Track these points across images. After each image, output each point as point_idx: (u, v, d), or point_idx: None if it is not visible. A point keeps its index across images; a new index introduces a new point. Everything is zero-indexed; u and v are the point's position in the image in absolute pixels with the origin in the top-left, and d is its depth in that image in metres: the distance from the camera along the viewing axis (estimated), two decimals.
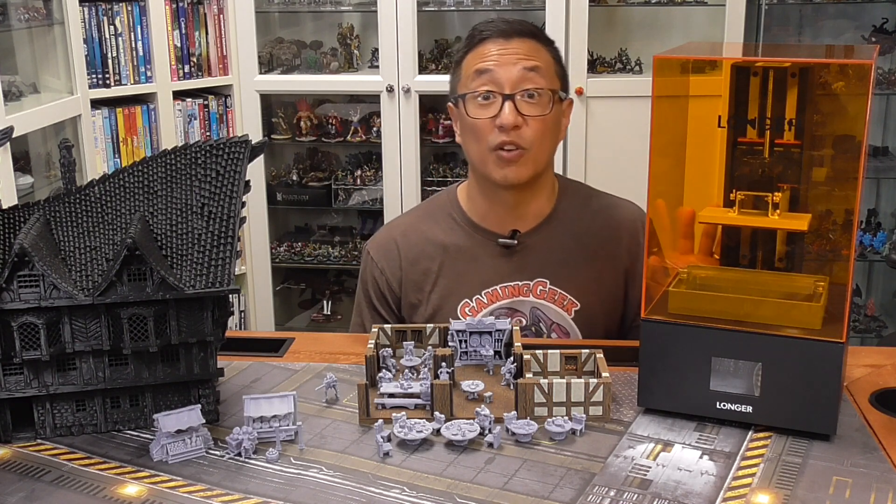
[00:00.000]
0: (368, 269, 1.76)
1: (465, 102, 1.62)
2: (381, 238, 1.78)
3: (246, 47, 3.55)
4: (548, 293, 1.68)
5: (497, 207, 1.69)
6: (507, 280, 1.69)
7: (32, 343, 1.19)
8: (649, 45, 3.57)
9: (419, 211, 1.82)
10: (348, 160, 3.93)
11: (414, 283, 1.72)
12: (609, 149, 3.41)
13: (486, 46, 1.63)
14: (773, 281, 1.30)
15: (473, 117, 1.61)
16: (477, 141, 1.63)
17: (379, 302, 1.75)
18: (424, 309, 1.71)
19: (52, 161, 3.18)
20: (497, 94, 1.60)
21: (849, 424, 1.24)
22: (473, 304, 1.69)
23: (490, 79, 1.60)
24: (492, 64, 1.61)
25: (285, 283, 4.00)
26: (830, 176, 1.29)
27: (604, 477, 1.14)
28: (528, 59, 1.61)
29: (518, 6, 3.54)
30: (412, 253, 1.73)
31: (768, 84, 1.27)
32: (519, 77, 1.60)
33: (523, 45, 1.63)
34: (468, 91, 1.62)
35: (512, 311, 1.69)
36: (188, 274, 1.21)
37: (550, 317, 1.68)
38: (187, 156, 1.26)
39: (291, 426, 1.23)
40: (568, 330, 1.68)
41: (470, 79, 1.63)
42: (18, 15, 3.08)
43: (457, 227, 1.73)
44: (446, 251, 1.71)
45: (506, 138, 1.59)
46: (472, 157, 1.66)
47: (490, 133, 1.60)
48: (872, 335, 3.54)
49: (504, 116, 1.58)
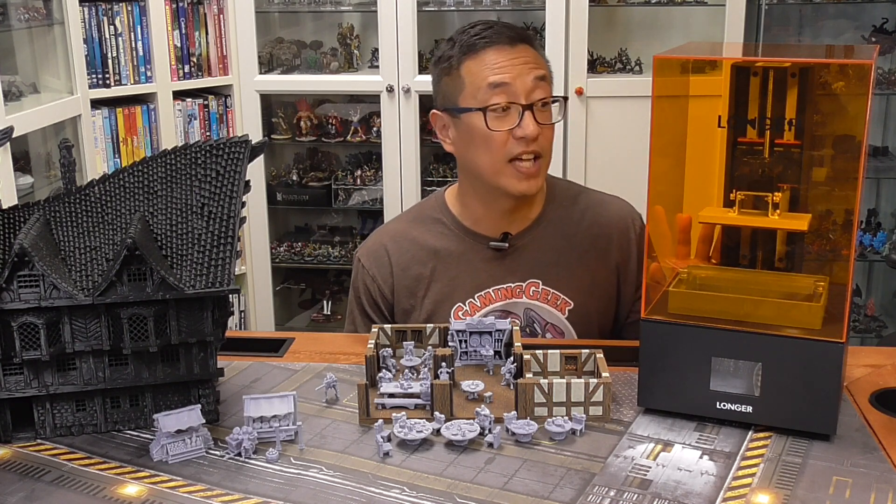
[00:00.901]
0: (360, 276, 1.76)
1: (485, 115, 1.59)
2: (370, 245, 1.78)
3: (246, 47, 3.55)
4: (541, 294, 1.68)
5: (493, 213, 1.69)
6: (499, 283, 1.69)
7: (32, 343, 1.19)
8: (649, 45, 3.57)
9: (407, 217, 1.82)
10: (348, 160, 3.93)
11: (406, 289, 1.72)
12: (609, 149, 3.41)
13: (489, 55, 1.60)
14: (773, 281, 1.30)
15: (494, 129, 1.59)
16: (491, 152, 1.61)
17: (371, 309, 1.75)
18: (418, 314, 1.71)
19: (52, 161, 3.18)
20: (515, 104, 1.59)
21: (849, 424, 1.24)
22: (467, 308, 1.69)
23: (506, 91, 1.58)
24: (507, 77, 1.59)
25: (285, 283, 4.00)
26: (830, 176, 1.29)
27: (604, 477, 1.14)
28: (536, 68, 1.61)
29: (518, 6, 3.54)
30: (403, 259, 1.73)
31: (768, 84, 1.27)
32: (532, 87, 1.59)
33: (527, 52, 1.62)
34: (484, 105, 1.59)
35: (506, 314, 1.69)
36: (188, 274, 1.21)
37: (544, 317, 1.69)
38: (187, 156, 1.26)
39: (291, 426, 1.23)
40: (563, 329, 1.69)
41: (482, 91, 1.60)
42: (18, 15, 3.08)
43: (447, 231, 1.73)
44: (437, 256, 1.71)
45: (526, 148, 1.59)
46: (483, 168, 1.63)
47: (506, 144, 1.59)
48: (872, 335, 3.54)
49: (526, 127, 1.57)
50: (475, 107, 1.60)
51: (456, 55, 1.63)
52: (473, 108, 1.60)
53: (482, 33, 1.62)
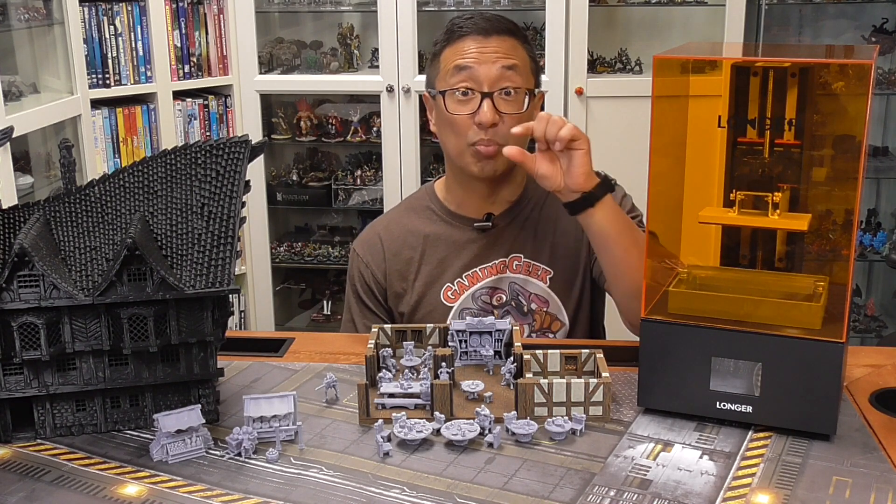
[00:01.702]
0: (355, 264, 1.83)
1: (444, 98, 1.66)
2: (365, 235, 1.86)
3: (246, 47, 3.55)
4: (523, 266, 1.75)
5: (472, 196, 1.76)
6: (484, 261, 1.75)
7: (32, 343, 1.19)
8: (649, 45, 3.57)
9: (400, 207, 1.89)
10: (348, 160, 3.93)
11: (398, 273, 1.78)
12: (609, 149, 3.39)
13: (466, 43, 1.66)
14: (773, 281, 1.30)
15: (452, 113, 1.66)
16: (455, 135, 1.68)
17: (366, 295, 1.81)
18: (409, 297, 1.77)
19: (52, 161, 3.18)
20: (476, 91, 1.64)
21: (849, 424, 1.24)
22: (455, 288, 1.75)
23: (469, 76, 1.64)
24: (471, 61, 1.64)
25: (285, 283, 4.00)
26: (830, 176, 1.29)
27: (604, 477, 1.14)
28: (506, 57, 1.65)
29: (518, 6, 3.54)
30: (395, 245, 1.79)
31: (768, 84, 1.27)
32: (497, 75, 1.64)
33: (502, 43, 1.66)
34: (448, 87, 1.66)
35: (492, 290, 1.75)
36: (188, 274, 1.21)
37: (528, 288, 1.75)
38: (187, 156, 1.26)
39: (291, 426, 1.23)
40: (546, 298, 1.75)
41: (449, 74, 1.66)
42: (18, 15, 3.08)
43: (435, 217, 1.80)
44: (426, 240, 1.78)
45: (483, 136, 1.64)
46: (449, 149, 1.71)
47: (468, 129, 1.65)
48: (872, 335, 3.53)
49: (482, 114, 1.62)
50: (441, 89, 1.68)
51: (441, 42, 1.72)
52: (438, 91, 1.68)
53: (463, 24, 1.69)
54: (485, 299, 1.74)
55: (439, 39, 1.73)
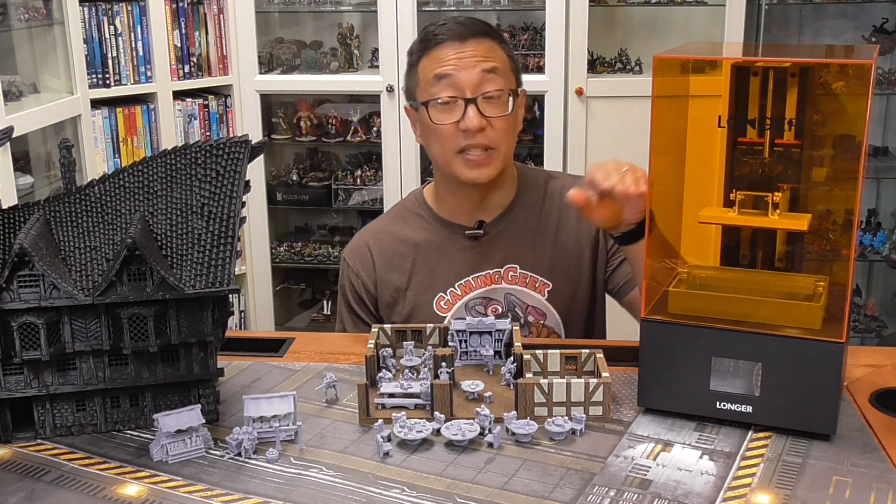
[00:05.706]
0: (346, 274, 1.80)
1: (427, 108, 1.64)
2: (354, 244, 1.82)
3: (246, 47, 3.54)
4: (519, 277, 1.72)
5: (463, 202, 1.73)
6: (477, 270, 1.73)
7: (32, 343, 1.19)
8: (649, 45, 3.57)
9: (389, 215, 1.86)
10: (348, 160, 3.93)
11: (389, 283, 1.75)
12: (609, 149, 3.39)
13: (443, 50, 1.64)
14: (773, 281, 1.30)
15: (437, 123, 1.63)
16: (442, 144, 1.65)
17: (357, 305, 1.78)
18: (402, 307, 1.74)
19: (52, 161, 3.18)
20: (458, 98, 1.62)
21: (849, 424, 1.24)
22: (448, 298, 1.73)
23: (450, 83, 1.62)
24: (451, 68, 1.62)
25: (285, 283, 4.00)
26: (830, 176, 1.29)
27: (604, 477, 1.14)
28: (485, 60, 1.63)
29: (518, 6, 3.54)
30: (385, 254, 1.76)
31: (768, 84, 1.27)
32: (479, 79, 1.62)
33: (479, 45, 1.64)
34: (429, 98, 1.64)
35: (487, 301, 1.72)
36: (188, 274, 1.21)
37: (524, 300, 1.72)
38: (187, 156, 1.26)
39: (291, 426, 1.23)
40: (544, 311, 1.72)
41: (429, 84, 1.64)
42: (18, 15, 3.08)
43: (426, 224, 1.77)
44: (417, 248, 1.75)
45: (472, 141, 1.62)
46: (437, 158, 1.69)
47: (454, 136, 1.63)
48: (872, 335, 3.53)
49: (468, 120, 1.60)
50: (422, 100, 1.66)
51: (415, 52, 1.70)
52: (420, 102, 1.66)
53: (438, 31, 1.67)
54: (479, 310, 1.72)
55: (414, 49, 1.70)
